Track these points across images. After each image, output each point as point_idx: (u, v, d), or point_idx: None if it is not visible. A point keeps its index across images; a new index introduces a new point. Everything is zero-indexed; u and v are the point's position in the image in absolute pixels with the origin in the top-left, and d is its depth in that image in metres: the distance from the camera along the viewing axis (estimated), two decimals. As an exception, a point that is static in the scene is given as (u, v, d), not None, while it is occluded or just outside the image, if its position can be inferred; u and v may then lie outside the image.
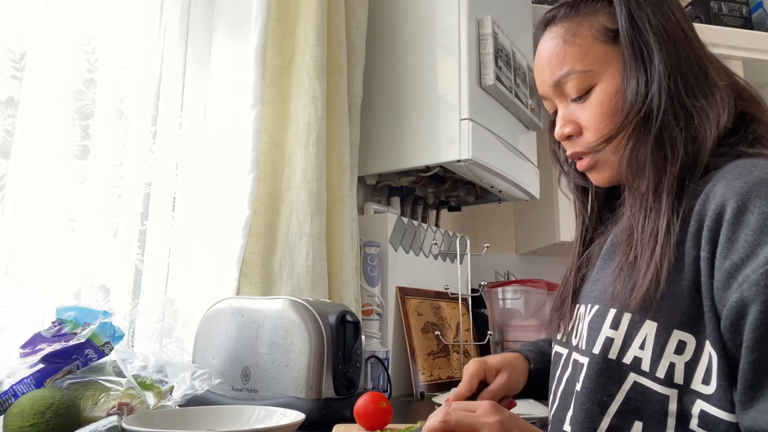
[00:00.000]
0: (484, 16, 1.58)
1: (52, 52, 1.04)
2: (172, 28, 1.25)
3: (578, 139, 0.72)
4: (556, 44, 0.71)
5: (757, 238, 0.54)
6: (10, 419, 0.72)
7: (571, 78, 0.69)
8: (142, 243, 1.16)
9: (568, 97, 0.71)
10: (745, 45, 2.28)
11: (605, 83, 0.68)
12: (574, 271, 0.78)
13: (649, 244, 0.62)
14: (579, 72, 0.69)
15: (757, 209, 0.54)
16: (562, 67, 0.70)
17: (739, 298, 0.54)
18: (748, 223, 0.54)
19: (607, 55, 0.68)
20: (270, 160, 1.36)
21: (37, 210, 1.00)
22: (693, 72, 0.65)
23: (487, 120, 1.57)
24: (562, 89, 0.71)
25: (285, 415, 0.83)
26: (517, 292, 1.81)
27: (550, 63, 0.72)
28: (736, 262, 0.55)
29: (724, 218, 0.56)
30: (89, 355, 0.85)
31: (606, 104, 0.68)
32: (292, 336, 0.98)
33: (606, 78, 0.68)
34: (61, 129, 1.04)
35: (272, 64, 1.37)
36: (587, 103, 0.69)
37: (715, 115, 0.64)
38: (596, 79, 0.69)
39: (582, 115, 0.70)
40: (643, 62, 0.65)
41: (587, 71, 0.69)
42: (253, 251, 1.28)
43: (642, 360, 0.62)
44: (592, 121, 0.69)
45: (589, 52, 0.69)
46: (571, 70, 0.69)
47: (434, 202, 1.95)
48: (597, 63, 0.68)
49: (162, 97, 1.23)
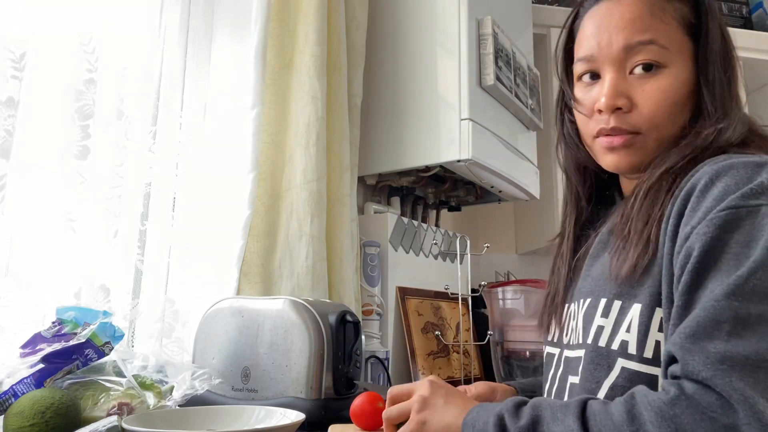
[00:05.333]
0: (484, 16, 1.58)
1: (52, 52, 1.04)
2: (172, 28, 1.25)
3: (624, 114, 0.68)
4: (641, 10, 0.68)
5: (713, 204, 0.55)
6: (10, 419, 0.72)
7: (650, 49, 0.67)
8: (142, 243, 1.16)
9: (631, 68, 0.68)
10: (745, 45, 2.27)
11: (676, 69, 0.67)
12: (567, 273, 0.79)
13: (642, 219, 0.64)
14: (661, 45, 0.67)
15: (721, 183, 0.56)
16: (645, 33, 0.67)
17: (685, 250, 0.56)
18: (711, 194, 0.56)
19: (683, 44, 0.68)
20: (270, 160, 1.36)
21: (37, 210, 1.00)
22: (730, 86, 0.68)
23: (487, 120, 1.57)
24: (630, 56, 0.68)
25: (285, 415, 0.83)
26: (517, 292, 1.81)
27: (631, 25, 0.68)
28: (693, 226, 0.57)
29: (692, 195, 0.59)
30: (89, 355, 0.85)
31: (672, 91, 0.67)
32: (292, 336, 0.98)
33: (678, 65, 0.67)
34: (61, 129, 1.05)
35: (272, 64, 1.37)
36: (651, 82, 0.67)
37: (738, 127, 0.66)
38: (670, 62, 0.67)
39: (641, 93, 0.68)
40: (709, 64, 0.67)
41: (667, 49, 0.67)
42: (253, 251, 1.28)
43: (629, 343, 0.63)
44: (652, 102, 0.67)
45: (673, 34, 0.68)
46: (654, 41, 0.67)
47: (434, 202, 1.95)
48: (675, 46, 0.67)
49: (162, 97, 1.23)
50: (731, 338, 0.48)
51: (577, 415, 0.52)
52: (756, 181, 0.55)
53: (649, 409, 0.48)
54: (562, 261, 0.81)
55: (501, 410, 0.57)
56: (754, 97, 2.35)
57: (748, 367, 0.46)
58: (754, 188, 0.54)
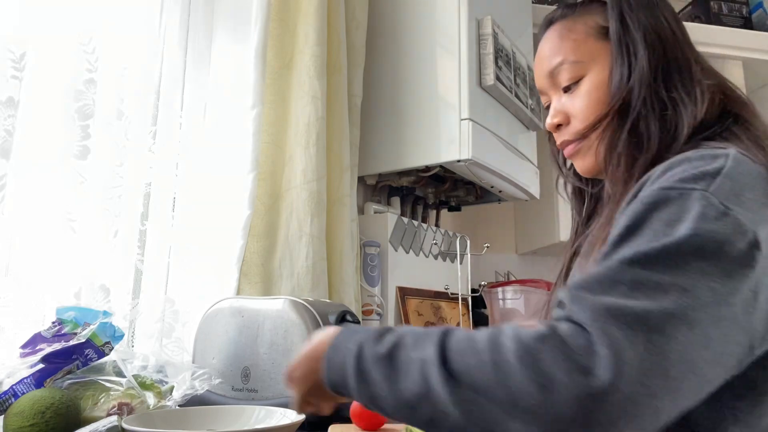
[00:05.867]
0: (484, 16, 1.58)
1: (52, 52, 1.04)
2: (172, 28, 1.25)
3: (566, 128, 0.76)
4: (553, 39, 0.77)
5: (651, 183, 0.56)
6: (10, 419, 0.72)
7: (563, 68, 0.74)
8: (142, 243, 1.16)
9: (560, 87, 0.76)
10: (745, 45, 2.27)
11: (594, 74, 0.73)
12: (563, 273, 0.80)
13: (605, 223, 0.65)
14: (571, 62, 0.74)
15: (670, 172, 0.56)
16: (556, 57, 0.75)
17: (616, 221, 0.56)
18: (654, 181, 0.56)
19: (598, 50, 0.73)
20: (270, 160, 1.36)
21: (37, 210, 1.00)
22: (677, 69, 0.69)
23: (487, 120, 1.57)
24: (555, 80, 0.76)
25: (285, 415, 0.83)
26: (517, 292, 1.81)
27: (547, 56, 0.77)
28: None
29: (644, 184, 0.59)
30: (89, 355, 0.85)
31: (593, 94, 0.72)
32: (292, 336, 0.98)
33: (595, 70, 0.73)
34: (61, 129, 1.04)
35: (272, 64, 1.37)
36: (576, 93, 0.74)
37: (691, 108, 0.66)
38: (586, 71, 0.73)
39: (571, 105, 0.75)
40: (628, 57, 0.70)
41: (579, 62, 0.73)
42: (253, 251, 1.28)
43: None
44: (579, 109, 0.73)
45: (582, 46, 0.74)
46: (564, 60, 0.74)
47: (434, 202, 1.95)
48: (588, 56, 0.73)
49: (162, 97, 1.23)
50: (624, 297, 0.46)
51: (439, 339, 0.50)
52: (700, 169, 0.54)
53: (514, 341, 0.46)
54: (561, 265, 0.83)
55: (362, 339, 0.55)
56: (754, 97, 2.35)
57: (633, 322, 0.44)
58: (694, 174, 0.53)
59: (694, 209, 0.50)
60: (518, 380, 0.44)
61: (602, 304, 0.46)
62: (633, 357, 0.42)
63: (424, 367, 0.48)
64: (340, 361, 0.55)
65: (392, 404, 0.51)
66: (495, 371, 0.45)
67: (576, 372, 0.42)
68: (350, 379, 0.53)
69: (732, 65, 2.25)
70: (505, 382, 0.44)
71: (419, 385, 0.48)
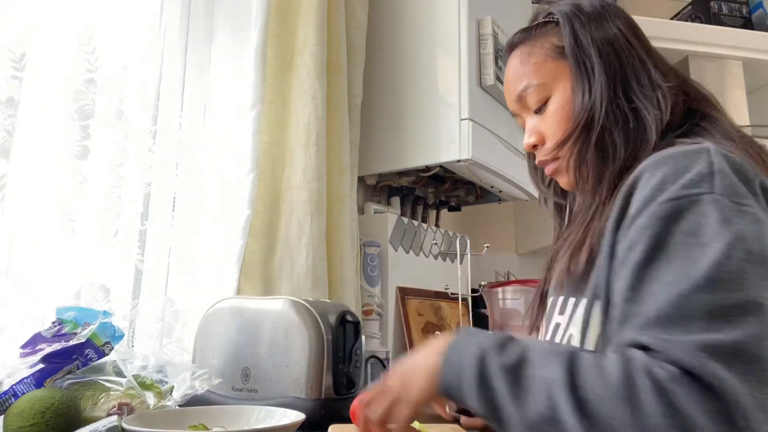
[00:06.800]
0: (484, 16, 1.58)
1: (52, 52, 1.04)
2: (172, 28, 1.25)
3: (542, 148, 0.77)
4: (515, 65, 0.78)
5: (652, 194, 0.56)
6: (10, 419, 0.72)
7: (529, 92, 0.76)
8: (142, 243, 1.16)
9: (531, 109, 0.77)
10: (745, 45, 2.27)
11: (558, 94, 0.74)
12: (544, 277, 0.82)
13: (577, 228, 0.68)
14: (534, 85, 0.75)
15: (659, 173, 0.57)
16: (522, 82, 0.76)
17: (629, 243, 0.56)
18: (649, 184, 0.57)
19: (558, 69, 0.74)
20: (270, 160, 1.36)
21: (37, 210, 1.00)
22: (635, 77, 0.70)
23: (487, 120, 1.57)
24: (524, 103, 0.77)
25: (285, 415, 0.83)
26: (517, 292, 1.81)
27: (512, 81, 0.79)
28: (633, 216, 0.57)
29: (634, 189, 0.60)
30: (89, 355, 0.85)
31: (560, 113, 0.74)
32: (292, 336, 0.98)
33: (558, 89, 0.74)
34: (61, 129, 1.04)
35: (272, 64, 1.37)
36: (546, 113, 0.75)
37: (654, 114, 0.67)
38: (550, 91, 0.75)
39: (543, 125, 0.76)
40: (586, 73, 0.71)
41: (541, 84, 0.75)
42: (253, 251, 1.28)
43: (573, 336, 0.65)
44: (550, 129, 0.75)
45: (542, 68, 0.75)
46: (528, 84, 0.76)
47: (434, 202, 1.95)
48: (549, 76, 0.75)
49: (162, 97, 1.23)
50: (707, 332, 0.47)
51: (567, 361, 0.50)
52: (693, 170, 0.55)
53: (646, 378, 0.47)
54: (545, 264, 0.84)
55: (483, 344, 0.55)
56: (754, 97, 2.34)
57: (732, 359, 0.46)
58: (693, 178, 0.55)
59: (713, 214, 0.52)
60: (654, 420, 0.45)
61: (694, 344, 0.47)
62: (746, 396, 0.45)
63: (552, 388, 0.49)
64: (458, 362, 0.56)
65: (513, 418, 0.51)
66: (629, 407, 0.46)
67: (713, 415, 0.44)
68: (468, 383, 0.54)
69: (732, 65, 2.24)
70: (640, 419, 0.45)
71: (546, 406, 0.49)
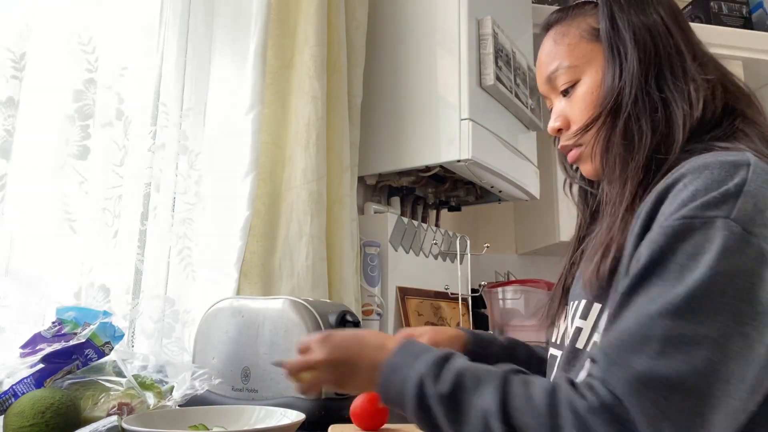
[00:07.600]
0: (484, 16, 1.58)
1: (52, 52, 1.03)
2: (172, 28, 1.25)
3: (566, 132, 0.76)
4: (549, 45, 0.77)
5: (676, 209, 0.54)
6: (10, 419, 0.72)
7: (559, 73, 0.74)
8: (142, 243, 1.16)
9: (559, 91, 0.76)
10: (745, 45, 2.27)
11: (588, 77, 0.72)
12: (566, 270, 0.80)
13: (608, 228, 0.65)
14: (566, 67, 0.74)
15: (692, 186, 0.55)
16: (553, 63, 0.75)
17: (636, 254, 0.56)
18: (679, 197, 0.55)
19: (592, 52, 0.73)
20: (270, 160, 1.36)
21: (37, 210, 1.00)
22: (669, 67, 0.68)
23: (487, 120, 1.57)
24: (553, 85, 0.76)
25: (285, 415, 0.83)
26: (517, 292, 1.81)
27: (544, 62, 0.77)
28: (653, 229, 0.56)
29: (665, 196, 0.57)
30: (89, 355, 0.85)
31: (588, 96, 0.72)
32: (292, 336, 0.98)
33: (589, 73, 0.72)
34: (61, 129, 1.04)
35: (272, 64, 1.37)
36: (573, 96, 0.74)
37: (683, 106, 0.65)
38: (581, 74, 0.73)
39: (569, 109, 0.74)
40: (619, 58, 0.69)
41: (573, 66, 0.73)
42: (253, 251, 1.28)
43: (597, 345, 0.63)
44: (576, 113, 0.73)
45: (576, 50, 0.73)
46: (559, 66, 0.74)
47: (434, 202, 1.95)
48: (582, 59, 0.73)
49: (162, 97, 1.23)
50: (657, 357, 0.48)
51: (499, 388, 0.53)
52: (723, 187, 0.53)
53: (568, 410, 0.49)
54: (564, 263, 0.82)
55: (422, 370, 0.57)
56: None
57: (666, 390, 0.46)
58: (716, 196, 0.52)
59: (718, 241, 0.50)
60: None
61: (635, 372, 0.48)
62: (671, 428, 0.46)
63: (486, 417, 0.52)
64: (398, 385, 0.58)
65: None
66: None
67: None
68: (411, 406, 0.57)
69: (732, 65, 2.25)
70: None
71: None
